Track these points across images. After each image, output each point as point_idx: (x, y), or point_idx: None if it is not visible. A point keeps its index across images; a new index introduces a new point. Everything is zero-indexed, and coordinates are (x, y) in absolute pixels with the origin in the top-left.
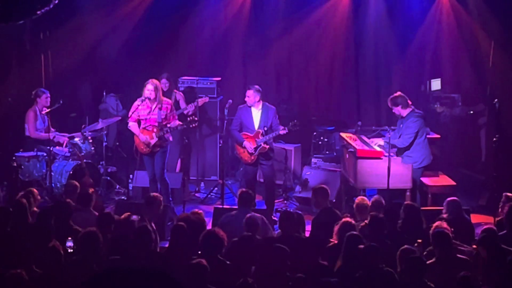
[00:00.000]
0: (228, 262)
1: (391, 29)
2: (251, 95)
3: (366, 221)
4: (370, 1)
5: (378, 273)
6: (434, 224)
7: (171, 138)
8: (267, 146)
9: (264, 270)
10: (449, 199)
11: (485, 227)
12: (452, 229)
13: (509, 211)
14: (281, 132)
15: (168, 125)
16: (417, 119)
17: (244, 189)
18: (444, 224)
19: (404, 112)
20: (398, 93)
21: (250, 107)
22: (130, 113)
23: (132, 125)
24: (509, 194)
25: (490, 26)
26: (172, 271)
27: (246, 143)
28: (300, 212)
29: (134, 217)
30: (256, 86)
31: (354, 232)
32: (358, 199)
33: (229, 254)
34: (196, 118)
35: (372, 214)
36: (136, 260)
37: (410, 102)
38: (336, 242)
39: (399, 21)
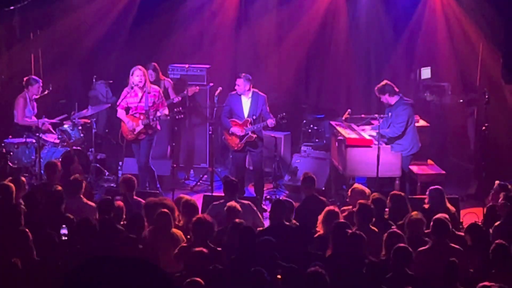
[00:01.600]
0: (218, 249)
1: (382, 17)
2: (241, 84)
3: (353, 208)
4: None
5: (365, 265)
6: (409, 215)
7: (159, 127)
8: (254, 136)
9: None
10: (431, 188)
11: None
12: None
13: (504, 201)
14: (269, 125)
15: (157, 114)
16: (406, 107)
17: (228, 177)
18: (419, 215)
19: (392, 100)
20: (385, 81)
21: (240, 95)
22: (119, 100)
23: (120, 112)
24: (501, 182)
25: (480, 15)
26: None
27: (234, 128)
28: (290, 200)
29: (118, 197)
30: (246, 75)
31: (341, 220)
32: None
33: (218, 240)
34: (182, 110)
35: (360, 202)
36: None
37: (397, 90)
38: (321, 232)
39: (390, 9)
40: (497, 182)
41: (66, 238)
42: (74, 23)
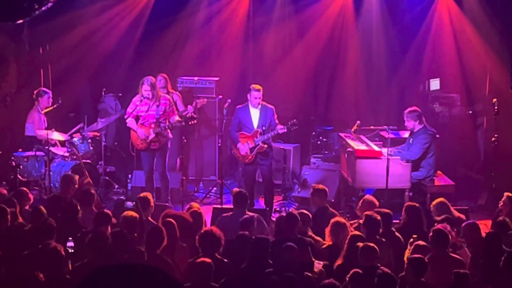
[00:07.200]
0: (226, 261)
1: (390, 28)
2: (261, 95)
3: (360, 220)
4: (371, 0)
5: (375, 274)
6: (437, 226)
7: (170, 135)
8: (265, 146)
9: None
10: (435, 201)
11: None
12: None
13: None
14: (280, 131)
15: (169, 121)
16: (426, 136)
17: (238, 189)
18: (448, 227)
19: (417, 127)
20: (414, 108)
21: (248, 106)
22: (129, 109)
23: (130, 121)
24: (510, 194)
25: (488, 26)
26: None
27: (240, 145)
28: (305, 211)
29: (128, 203)
30: (259, 86)
31: (357, 233)
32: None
33: (226, 253)
34: (195, 115)
35: (367, 214)
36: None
37: (424, 119)
38: (330, 243)
39: (398, 21)
40: (506, 194)
41: (72, 250)
42: (83, 37)
